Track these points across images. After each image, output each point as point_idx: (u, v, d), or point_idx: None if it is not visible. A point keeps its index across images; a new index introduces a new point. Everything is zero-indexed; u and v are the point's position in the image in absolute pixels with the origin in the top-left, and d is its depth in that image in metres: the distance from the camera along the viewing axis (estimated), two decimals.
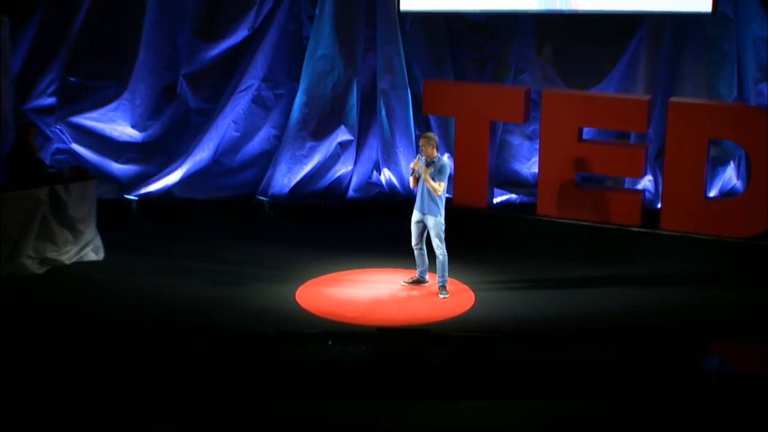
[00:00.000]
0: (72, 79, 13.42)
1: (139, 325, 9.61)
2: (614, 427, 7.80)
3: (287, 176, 13.72)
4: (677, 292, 11.13)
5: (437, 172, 10.63)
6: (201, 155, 13.62)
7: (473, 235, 12.69)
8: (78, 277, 11.34)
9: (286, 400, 8.11)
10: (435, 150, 10.67)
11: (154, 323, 9.78)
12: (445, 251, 10.79)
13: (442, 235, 10.76)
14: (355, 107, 13.59)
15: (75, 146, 13.51)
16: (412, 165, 10.74)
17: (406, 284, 11.12)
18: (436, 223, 10.74)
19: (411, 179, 10.82)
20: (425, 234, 10.91)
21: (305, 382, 8.47)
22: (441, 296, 10.86)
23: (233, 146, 13.79)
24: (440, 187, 10.61)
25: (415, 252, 11.02)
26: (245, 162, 13.89)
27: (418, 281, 11.14)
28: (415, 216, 10.88)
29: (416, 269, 11.13)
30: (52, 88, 13.43)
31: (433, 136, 10.81)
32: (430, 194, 10.69)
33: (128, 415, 7.79)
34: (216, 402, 8.04)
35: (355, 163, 13.74)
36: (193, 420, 7.80)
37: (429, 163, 10.66)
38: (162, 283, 11.18)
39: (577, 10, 12.80)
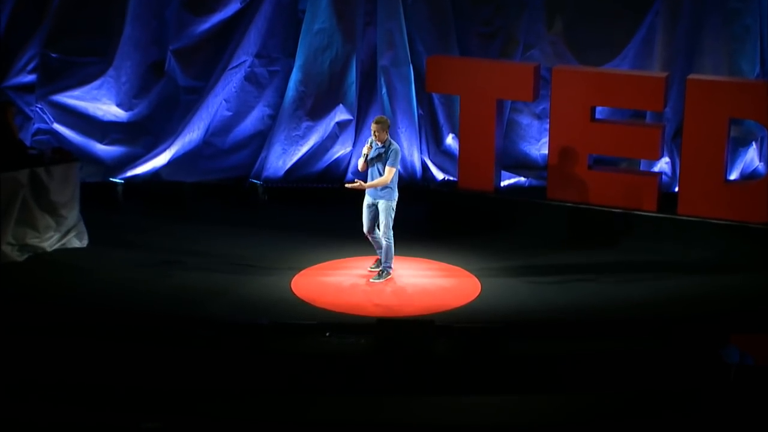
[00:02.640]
0: (53, 54, 13.40)
1: (125, 316, 9.62)
2: (628, 424, 7.82)
3: (282, 158, 13.73)
4: (695, 281, 11.14)
5: (391, 157, 10.74)
6: (191, 136, 13.62)
7: (479, 220, 12.72)
8: (60, 264, 11.35)
9: (281, 395, 8.13)
10: (387, 134, 10.78)
11: (140, 314, 9.80)
12: (391, 237, 10.91)
13: (391, 222, 10.86)
14: (354, 85, 13.57)
15: (57, 126, 13.50)
16: (364, 150, 10.78)
17: (373, 269, 11.15)
18: (387, 207, 10.84)
19: (361, 162, 10.86)
20: (377, 219, 10.98)
21: (301, 375, 8.49)
22: (372, 280, 10.96)
23: (225, 126, 13.79)
24: (390, 175, 10.73)
25: (369, 238, 11.08)
26: (237, 143, 13.89)
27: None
28: (367, 200, 10.95)
29: (376, 253, 11.16)
30: (32, 65, 13.42)
31: (387, 119, 10.88)
32: (377, 176, 10.80)
33: (114, 411, 7.81)
34: (207, 396, 8.06)
35: (354, 144, 13.74)
36: (183, 415, 7.82)
37: (382, 148, 10.73)
38: (149, 272, 11.19)
39: None
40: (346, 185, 10.95)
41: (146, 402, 7.95)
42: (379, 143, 10.76)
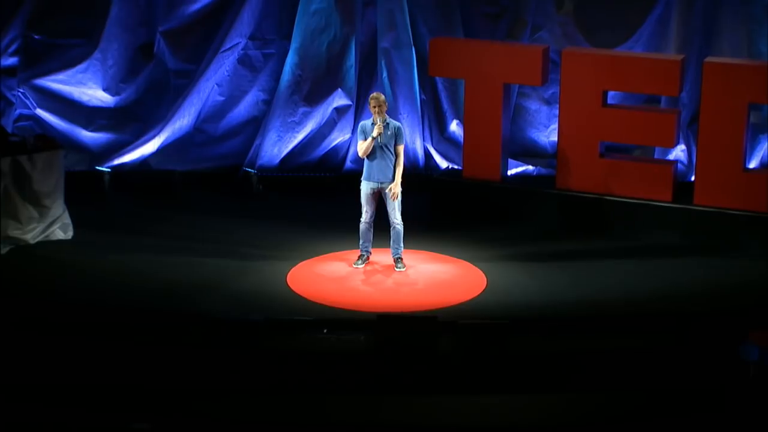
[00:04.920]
0: (36, 36, 13.38)
1: (111, 312, 9.62)
2: (641, 426, 7.83)
3: (277, 145, 13.72)
4: (712, 274, 11.15)
5: (401, 134, 10.89)
6: (181, 122, 13.61)
7: (485, 211, 12.71)
8: (44, 257, 11.35)
9: (276, 395, 8.13)
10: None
11: (128, 310, 9.80)
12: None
13: None
14: (354, 68, 13.56)
15: (40, 112, 13.50)
16: (376, 134, 10.75)
17: (358, 267, 11.14)
18: (397, 186, 10.93)
19: (367, 146, 10.81)
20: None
21: (297, 374, 8.49)
22: (399, 269, 11.04)
23: (217, 112, 13.78)
24: (403, 154, 10.97)
25: (365, 227, 11.09)
26: (230, 130, 13.88)
27: (367, 258, 11.21)
28: (370, 187, 10.95)
29: (360, 246, 11.16)
30: (13, 47, 13.40)
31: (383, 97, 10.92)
32: (387, 158, 10.84)
33: (101, 411, 7.81)
34: (198, 396, 8.07)
35: (353, 131, 13.72)
36: (174, 416, 7.83)
37: (387, 127, 10.80)
38: (137, 265, 11.19)
39: None
40: (393, 198, 10.88)
41: (135, 402, 7.95)
42: (382, 122, 10.78)
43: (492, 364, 8.66)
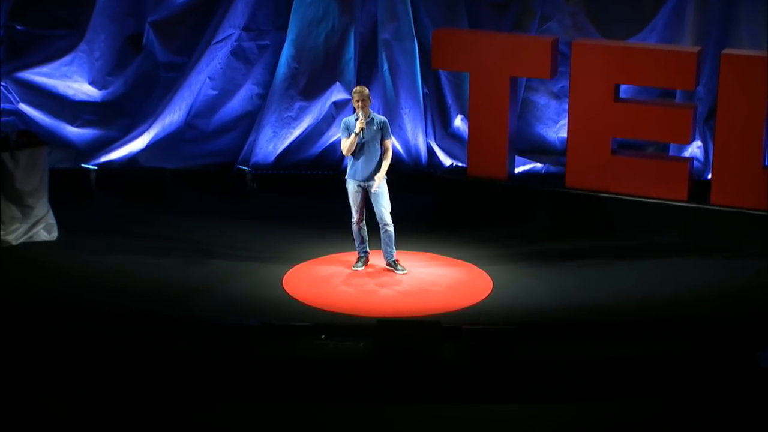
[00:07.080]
0: (19, 27, 13.40)
1: (98, 316, 9.62)
2: None
3: (273, 142, 13.73)
4: (730, 278, 11.15)
5: (387, 128, 10.93)
6: (171, 117, 13.62)
7: (491, 211, 12.72)
8: (27, 259, 11.36)
9: (272, 404, 8.14)
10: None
11: (116, 314, 9.80)
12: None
13: None
14: (353, 61, 13.57)
15: (23, 106, 13.51)
16: (358, 129, 10.75)
17: (358, 269, 11.17)
18: (385, 185, 10.93)
19: (350, 143, 10.83)
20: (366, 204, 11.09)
21: (294, 382, 8.49)
22: (401, 272, 11.06)
23: (209, 107, 13.79)
24: (391, 148, 10.99)
25: (356, 227, 11.11)
26: (223, 125, 13.90)
27: (366, 259, 11.23)
28: (357, 185, 10.97)
29: (357, 248, 11.19)
30: None
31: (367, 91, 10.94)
32: (374, 154, 10.86)
33: (86, 420, 7.82)
34: (189, 405, 8.07)
35: None
36: (163, 426, 7.83)
37: (372, 122, 10.83)
38: (125, 267, 11.20)
39: None
40: (374, 190, 10.89)
41: (122, 410, 7.95)
42: (364, 117, 10.78)
43: (498, 371, 8.66)
